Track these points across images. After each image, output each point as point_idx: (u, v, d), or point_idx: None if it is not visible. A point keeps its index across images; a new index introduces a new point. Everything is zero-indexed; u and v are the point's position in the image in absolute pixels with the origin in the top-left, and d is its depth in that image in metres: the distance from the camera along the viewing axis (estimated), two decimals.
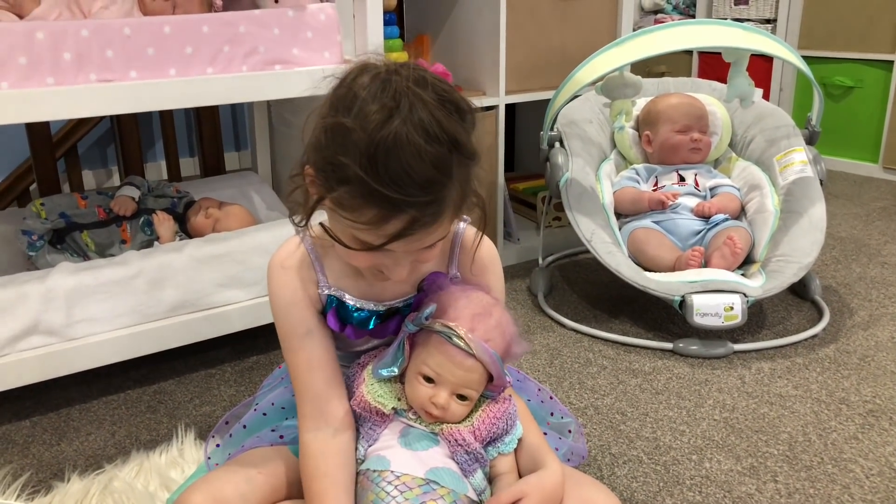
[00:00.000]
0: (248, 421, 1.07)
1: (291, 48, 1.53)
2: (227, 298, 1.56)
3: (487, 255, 1.00)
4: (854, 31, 3.14)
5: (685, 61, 3.59)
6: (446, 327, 0.90)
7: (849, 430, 1.37)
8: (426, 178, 0.76)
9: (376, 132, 0.75)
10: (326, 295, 0.96)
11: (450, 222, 0.84)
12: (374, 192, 0.75)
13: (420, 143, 0.75)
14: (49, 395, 1.54)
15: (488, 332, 0.91)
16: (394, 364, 0.93)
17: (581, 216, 1.82)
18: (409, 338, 0.93)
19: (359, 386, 0.95)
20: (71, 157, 2.48)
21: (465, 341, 0.89)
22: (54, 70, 1.31)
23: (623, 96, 1.92)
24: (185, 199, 1.87)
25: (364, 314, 0.97)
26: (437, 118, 0.77)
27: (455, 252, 0.99)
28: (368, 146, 0.75)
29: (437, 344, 0.90)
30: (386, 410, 0.93)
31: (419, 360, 0.92)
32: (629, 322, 1.85)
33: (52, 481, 1.26)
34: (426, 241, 0.83)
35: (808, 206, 1.81)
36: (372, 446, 0.93)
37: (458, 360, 0.89)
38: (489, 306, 0.93)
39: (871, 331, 1.77)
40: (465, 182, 0.82)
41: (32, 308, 1.37)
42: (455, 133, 0.79)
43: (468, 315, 0.91)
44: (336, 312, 0.96)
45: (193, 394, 1.55)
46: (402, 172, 0.75)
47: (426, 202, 0.77)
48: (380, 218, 0.77)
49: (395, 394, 0.94)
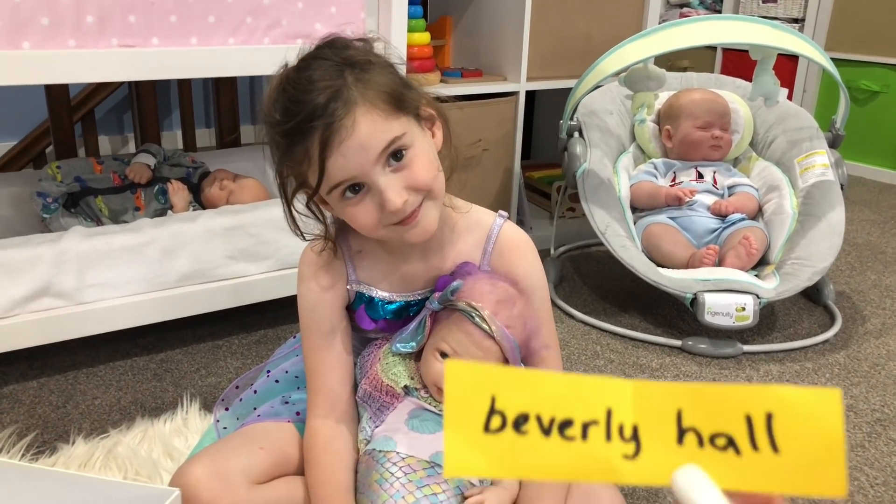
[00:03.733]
0: (259, 387, 1.08)
1: (314, 22, 1.51)
2: (237, 271, 1.56)
3: (520, 249, 0.98)
4: (883, 34, 3.09)
5: (709, 57, 3.55)
6: (470, 306, 0.89)
7: (855, 438, 1.36)
8: (314, 93, 0.81)
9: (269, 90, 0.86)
10: (355, 291, 0.97)
11: (384, 119, 0.83)
12: (284, 131, 0.83)
13: (299, 75, 0.84)
14: (57, 357, 1.55)
15: (510, 319, 0.90)
16: (413, 339, 0.93)
17: (596, 208, 1.81)
18: (431, 315, 0.93)
19: (373, 364, 0.96)
20: (88, 121, 2.48)
21: (487, 321, 0.88)
22: (76, 33, 1.30)
23: (646, 89, 1.90)
24: (201, 169, 1.87)
25: (396, 305, 0.97)
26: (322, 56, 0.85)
27: (489, 246, 0.98)
28: (271, 102, 0.85)
29: (458, 321, 0.90)
30: (398, 388, 0.93)
31: (438, 336, 0.92)
32: (639, 317, 1.84)
33: (56, 443, 1.27)
34: (366, 145, 0.82)
35: (827, 209, 1.79)
36: (379, 427, 0.93)
37: (477, 340, 0.89)
38: (514, 297, 0.93)
39: (883, 339, 1.75)
40: (372, 81, 0.84)
41: (44, 270, 1.38)
42: (336, 55, 0.85)
43: (492, 300, 0.91)
44: (366, 310, 0.97)
45: (200, 364, 1.55)
46: (291, 101, 0.82)
47: (322, 105, 0.81)
48: (303, 150, 0.83)
49: (409, 372, 0.95)
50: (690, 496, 0.31)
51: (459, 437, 0.32)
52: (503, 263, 0.98)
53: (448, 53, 2.34)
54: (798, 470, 0.31)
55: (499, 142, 2.14)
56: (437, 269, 0.97)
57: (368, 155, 0.82)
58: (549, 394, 0.33)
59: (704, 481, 0.31)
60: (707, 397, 0.32)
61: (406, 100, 0.86)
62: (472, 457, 0.32)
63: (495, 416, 0.33)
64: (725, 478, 0.32)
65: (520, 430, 0.33)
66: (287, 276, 1.60)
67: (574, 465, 0.32)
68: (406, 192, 0.85)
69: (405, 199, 0.84)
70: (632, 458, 0.32)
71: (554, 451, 0.32)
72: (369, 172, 0.83)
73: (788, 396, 0.31)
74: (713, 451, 0.32)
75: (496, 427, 0.32)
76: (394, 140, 0.83)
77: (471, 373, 0.33)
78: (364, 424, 0.95)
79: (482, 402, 0.32)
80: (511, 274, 0.96)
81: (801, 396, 0.31)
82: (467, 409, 0.32)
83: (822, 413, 0.31)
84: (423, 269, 0.97)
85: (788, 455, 0.31)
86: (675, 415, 0.32)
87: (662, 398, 0.33)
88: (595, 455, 0.32)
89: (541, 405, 0.33)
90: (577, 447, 0.33)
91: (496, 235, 0.98)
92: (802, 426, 0.31)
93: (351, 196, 0.85)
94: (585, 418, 0.33)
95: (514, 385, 0.33)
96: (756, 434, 0.32)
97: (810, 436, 0.31)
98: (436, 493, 0.86)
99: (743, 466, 0.32)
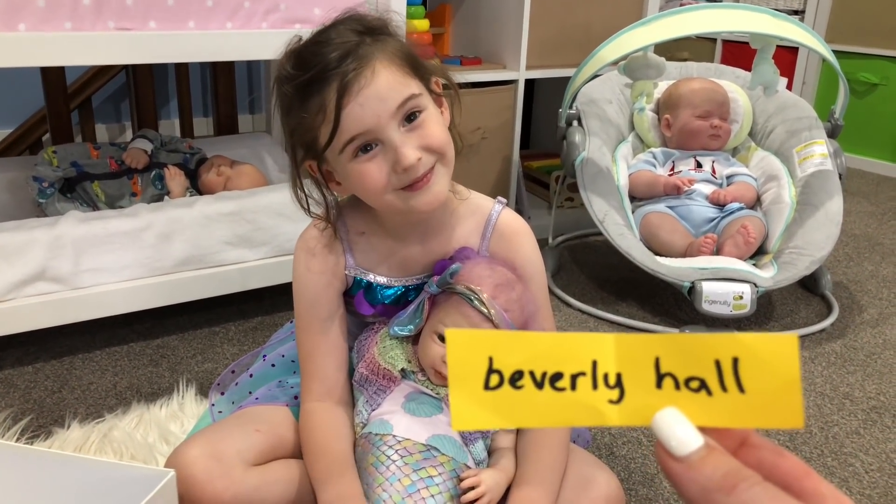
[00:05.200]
0: (256, 371, 1.08)
1: (313, 7, 1.50)
2: (234, 257, 1.55)
3: (518, 236, 0.98)
4: (883, 26, 3.09)
5: (708, 48, 3.54)
6: (468, 289, 0.89)
7: (851, 426, 1.36)
8: (332, 48, 0.83)
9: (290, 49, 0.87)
10: (353, 277, 0.96)
11: (402, 75, 0.84)
12: (300, 84, 0.84)
13: (316, 37, 0.86)
14: (53, 341, 1.54)
15: (509, 303, 0.90)
16: (411, 322, 0.93)
17: (595, 196, 1.80)
18: (429, 298, 0.93)
19: (370, 347, 0.95)
20: (85, 109, 2.47)
21: (486, 305, 0.88)
22: (72, 15, 1.30)
23: (645, 77, 1.89)
24: (198, 155, 1.86)
25: (395, 290, 0.97)
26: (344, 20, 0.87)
27: (487, 232, 0.97)
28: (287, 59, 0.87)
29: (456, 304, 0.90)
30: (395, 371, 0.93)
31: (436, 318, 0.92)
32: (636, 306, 1.84)
33: (52, 427, 1.27)
34: (384, 97, 0.82)
35: (825, 199, 1.79)
36: (375, 410, 0.93)
37: (476, 323, 0.89)
38: (513, 281, 0.93)
39: (879, 329, 1.75)
40: (389, 46, 0.85)
41: (40, 254, 1.37)
42: (353, 22, 0.86)
43: (491, 284, 0.90)
44: (364, 295, 0.96)
45: (196, 350, 1.55)
46: (309, 55, 0.84)
47: (340, 57, 0.82)
48: (319, 101, 0.82)
49: (406, 356, 0.94)
50: (669, 433, 0.35)
51: (463, 395, 0.36)
52: (502, 249, 0.97)
53: (447, 41, 2.33)
54: (762, 406, 0.35)
55: (498, 130, 2.14)
56: (436, 254, 0.97)
57: (386, 106, 0.82)
58: (540, 351, 0.37)
59: (681, 420, 0.35)
60: (681, 345, 0.36)
61: (421, 67, 0.87)
62: (476, 411, 0.36)
63: (493, 374, 0.36)
64: (699, 416, 0.36)
65: (516, 385, 0.36)
66: (284, 263, 1.59)
67: (565, 412, 0.37)
68: (420, 150, 0.84)
69: (419, 157, 0.83)
70: (616, 402, 0.36)
71: (547, 402, 0.37)
72: (385, 127, 0.82)
73: (752, 342, 0.35)
74: (688, 393, 0.36)
75: (495, 384, 0.36)
76: (411, 97, 0.84)
77: (470, 338, 0.37)
78: (360, 408, 0.95)
79: (481, 362, 0.36)
80: (509, 260, 0.96)
81: (763, 342, 0.35)
82: (468, 370, 0.36)
83: (782, 356, 0.35)
84: (422, 253, 0.97)
85: (753, 394, 0.35)
86: (654, 362, 0.36)
87: (642, 348, 0.37)
88: (583, 402, 0.37)
89: (533, 362, 0.37)
90: (567, 396, 0.37)
91: (495, 221, 0.97)
92: (764, 368, 0.35)
93: (362, 155, 0.84)
94: (573, 370, 0.37)
95: (508, 346, 0.37)
96: (724, 376, 0.36)
97: (771, 376, 0.35)
98: (431, 475, 0.86)
99: (714, 405, 0.36)
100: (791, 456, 0.35)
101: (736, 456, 0.35)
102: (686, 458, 0.34)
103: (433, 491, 0.85)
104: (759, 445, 0.36)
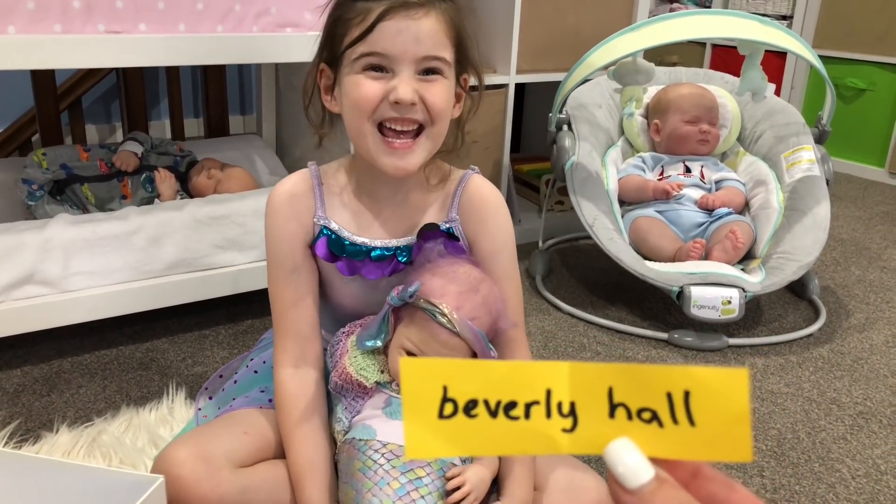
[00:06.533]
0: (239, 377, 1.08)
1: (303, 11, 1.50)
2: (225, 260, 1.55)
3: (487, 202, 0.99)
4: (871, 32, 3.11)
5: (698, 53, 3.56)
6: (431, 305, 0.89)
7: (838, 431, 1.38)
8: None
9: None
10: (321, 226, 0.97)
11: (445, 40, 0.88)
12: None
13: None
14: (42, 345, 1.54)
15: (474, 309, 0.90)
16: (378, 337, 0.92)
17: (584, 201, 1.81)
18: (393, 311, 0.92)
19: (342, 357, 0.95)
20: (75, 109, 2.45)
21: (450, 320, 0.88)
22: (62, 17, 1.29)
23: (635, 83, 1.90)
24: (188, 158, 1.86)
25: (359, 247, 0.96)
26: None
27: (456, 197, 0.98)
28: None
29: (421, 321, 0.90)
30: (368, 384, 0.93)
31: (402, 334, 0.92)
32: (625, 310, 1.85)
33: (40, 431, 1.26)
34: (420, 39, 0.85)
35: (812, 204, 1.80)
36: (356, 417, 0.93)
37: (443, 339, 0.89)
38: (477, 282, 0.92)
39: (866, 333, 1.77)
40: (451, 13, 0.89)
41: (29, 257, 1.36)
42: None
43: (454, 292, 0.90)
44: (328, 243, 0.96)
45: (186, 353, 1.55)
46: None
47: None
48: (366, 7, 0.85)
49: (378, 366, 0.94)
50: (621, 464, 0.35)
51: (417, 424, 0.36)
52: (472, 219, 0.97)
53: None
54: (712, 440, 0.36)
55: (488, 134, 2.14)
56: (405, 218, 0.98)
57: (417, 48, 0.86)
58: (494, 380, 0.37)
59: (633, 451, 0.36)
60: (634, 376, 0.37)
61: (464, 51, 0.92)
62: (430, 440, 0.36)
63: (448, 403, 0.37)
64: (651, 447, 0.36)
65: (470, 414, 0.37)
66: None
67: (519, 440, 0.37)
68: (418, 99, 0.87)
69: (413, 102, 0.86)
70: (570, 431, 0.37)
71: (501, 430, 0.37)
72: (403, 61, 0.86)
73: (703, 376, 0.36)
74: (640, 424, 0.36)
75: (449, 413, 0.37)
76: (441, 59, 0.88)
77: (424, 367, 0.37)
78: (340, 415, 0.95)
79: (435, 392, 0.37)
80: (477, 229, 0.97)
81: (714, 376, 0.36)
82: (422, 400, 0.37)
83: (732, 390, 0.35)
84: (392, 216, 0.98)
85: (703, 427, 0.36)
86: (607, 392, 0.37)
87: (595, 377, 0.37)
88: (537, 431, 0.37)
89: (488, 391, 0.37)
90: (520, 425, 0.37)
91: (465, 184, 0.98)
92: (715, 402, 0.36)
93: (370, 72, 0.87)
94: (528, 399, 0.37)
95: (463, 375, 0.37)
96: (676, 409, 0.36)
97: (722, 410, 0.36)
98: (420, 476, 0.86)
99: (665, 437, 0.36)
100: (742, 489, 0.36)
101: (687, 488, 0.35)
102: (637, 490, 0.35)
103: (423, 492, 0.85)
104: (711, 478, 0.36)
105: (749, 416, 0.35)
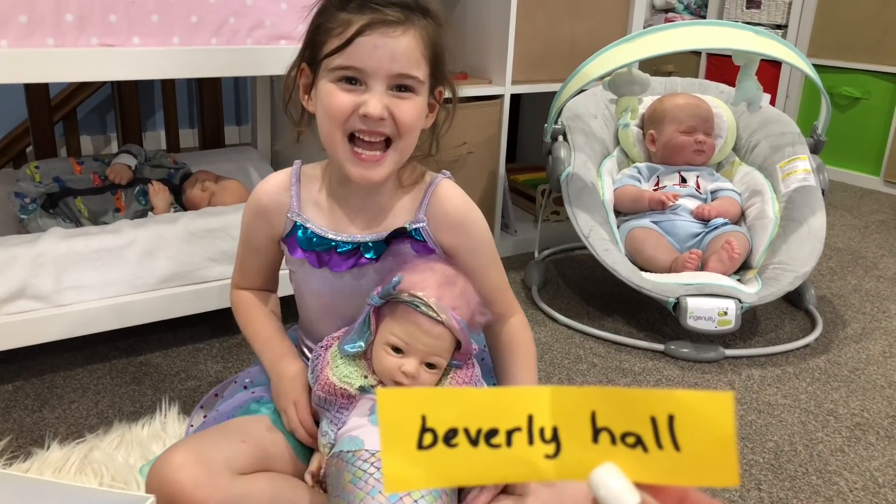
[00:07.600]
0: (230, 395, 1.07)
1: (297, 24, 1.50)
2: (218, 274, 1.54)
3: (455, 205, 1.02)
4: (865, 41, 3.12)
5: (693, 62, 3.56)
6: (413, 296, 0.91)
7: (835, 443, 1.37)
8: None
9: None
10: (293, 221, 1.02)
11: (420, 59, 0.91)
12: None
13: None
14: (34, 360, 1.53)
15: (454, 300, 0.92)
16: (360, 339, 0.94)
17: (580, 211, 1.81)
18: (374, 311, 0.94)
19: (323, 369, 0.95)
20: (69, 121, 2.45)
21: (433, 308, 0.90)
22: (55, 31, 1.29)
23: (630, 93, 1.90)
24: (182, 170, 1.85)
25: (327, 243, 1.00)
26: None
27: (425, 199, 1.01)
28: None
29: (404, 313, 0.91)
30: (352, 391, 0.93)
31: (386, 330, 0.93)
32: (622, 321, 1.85)
33: (31, 447, 1.25)
34: (395, 57, 0.89)
35: (808, 214, 1.80)
36: (342, 429, 0.93)
37: (427, 328, 0.90)
38: (453, 276, 0.95)
39: (863, 344, 1.76)
40: (429, 31, 0.92)
41: (21, 272, 1.35)
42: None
43: (433, 284, 0.92)
44: (298, 237, 1.01)
45: (179, 368, 1.54)
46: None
47: (390, 3, 0.89)
48: (347, 19, 0.89)
49: (362, 372, 0.95)
50: (605, 491, 0.35)
51: (396, 456, 0.36)
52: (441, 219, 1.00)
53: None
54: (697, 464, 0.35)
55: (484, 145, 2.14)
56: (374, 216, 1.01)
57: (392, 65, 0.89)
58: (474, 408, 0.36)
59: (617, 476, 0.35)
60: (617, 400, 0.36)
61: (440, 68, 0.95)
62: (410, 472, 0.36)
63: (427, 433, 0.36)
64: (636, 472, 0.35)
65: (450, 443, 0.36)
66: None
67: (501, 468, 0.36)
68: (388, 115, 0.90)
69: (382, 116, 0.90)
70: (553, 457, 0.36)
71: (482, 459, 0.36)
72: (376, 77, 0.89)
73: (687, 400, 0.35)
74: (624, 449, 0.36)
75: (428, 443, 0.36)
76: (414, 77, 0.91)
77: (402, 397, 0.36)
78: (325, 429, 0.95)
79: (414, 422, 0.36)
80: (450, 230, 1.00)
81: (699, 400, 0.35)
82: (401, 431, 0.36)
83: (717, 414, 0.35)
84: (361, 212, 1.01)
85: (688, 452, 0.35)
86: (590, 416, 0.36)
87: (578, 401, 0.36)
88: (520, 458, 0.36)
89: (468, 419, 0.36)
90: (502, 453, 0.36)
91: (434, 188, 1.02)
92: (700, 426, 0.35)
93: (344, 83, 0.91)
94: (509, 426, 0.36)
95: (442, 403, 0.36)
96: (660, 434, 0.35)
97: (706, 435, 0.35)
98: None
99: (650, 462, 0.35)
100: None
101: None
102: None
103: (415, 496, 0.84)
104: (698, 503, 0.36)
105: (735, 440, 0.35)
